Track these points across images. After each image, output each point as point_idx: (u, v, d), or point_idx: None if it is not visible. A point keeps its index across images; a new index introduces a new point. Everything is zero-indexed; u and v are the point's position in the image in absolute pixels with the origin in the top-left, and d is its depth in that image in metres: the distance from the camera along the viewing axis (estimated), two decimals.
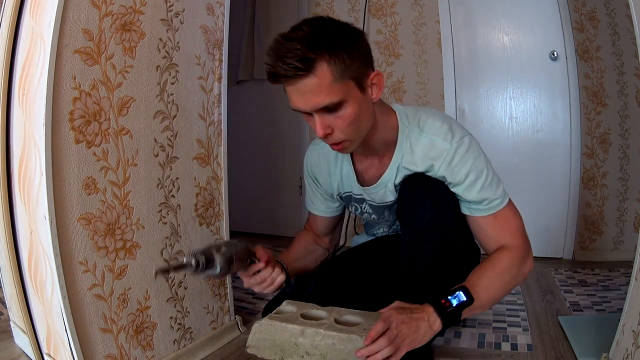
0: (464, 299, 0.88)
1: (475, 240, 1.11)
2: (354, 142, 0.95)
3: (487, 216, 1.00)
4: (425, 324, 0.84)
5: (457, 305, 0.87)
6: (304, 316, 0.89)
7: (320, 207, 1.25)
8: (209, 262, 0.82)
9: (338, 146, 0.94)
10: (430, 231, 0.99)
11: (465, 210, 1.02)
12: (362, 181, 1.12)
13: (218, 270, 0.83)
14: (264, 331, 0.86)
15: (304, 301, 0.98)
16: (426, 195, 1.00)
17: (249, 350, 0.89)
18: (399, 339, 0.81)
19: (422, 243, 1.00)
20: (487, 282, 0.93)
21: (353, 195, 1.16)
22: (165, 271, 0.84)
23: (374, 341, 0.79)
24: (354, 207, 1.20)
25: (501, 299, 1.00)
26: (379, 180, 1.07)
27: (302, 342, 0.83)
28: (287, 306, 0.95)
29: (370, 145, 1.02)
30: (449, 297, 0.88)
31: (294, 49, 0.82)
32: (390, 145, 1.03)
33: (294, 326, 0.84)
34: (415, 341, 0.83)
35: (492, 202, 0.99)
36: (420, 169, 1.01)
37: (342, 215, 1.30)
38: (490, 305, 0.98)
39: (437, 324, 0.85)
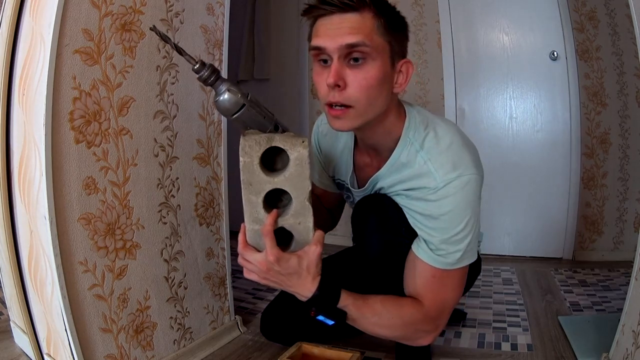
0: (329, 323, 0.85)
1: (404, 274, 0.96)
2: (357, 117, 0.83)
3: (429, 266, 0.87)
4: (293, 290, 0.83)
5: (319, 319, 0.85)
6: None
7: (316, 176, 1.17)
8: (218, 82, 0.74)
9: (339, 111, 0.82)
10: (379, 260, 0.96)
11: (414, 245, 0.91)
12: (357, 177, 1.07)
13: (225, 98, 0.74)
14: None
15: None
16: (376, 223, 0.95)
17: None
18: (270, 279, 0.82)
19: (373, 270, 0.99)
20: (376, 320, 0.87)
21: (346, 185, 1.11)
22: (165, 37, 0.75)
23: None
24: (346, 196, 1.16)
25: (377, 335, 0.94)
26: (366, 184, 1.02)
27: None
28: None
29: (372, 140, 0.94)
30: (319, 316, 0.84)
31: None
32: (389, 151, 0.94)
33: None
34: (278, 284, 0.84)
35: (446, 255, 0.86)
36: (395, 188, 0.94)
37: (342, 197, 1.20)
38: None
39: (301, 298, 0.84)
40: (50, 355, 1.03)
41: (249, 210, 0.79)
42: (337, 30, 0.79)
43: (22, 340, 1.18)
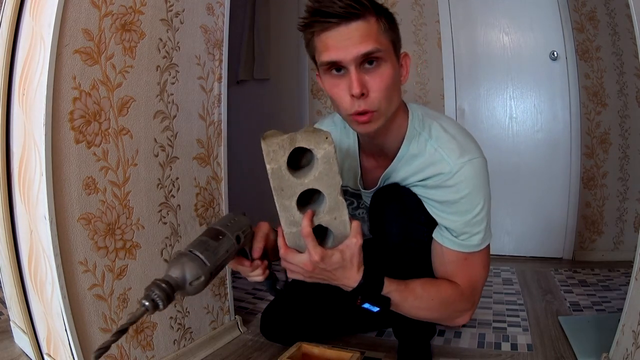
0: (374, 310, 0.86)
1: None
2: (381, 117, 0.86)
3: (456, 252, 0.92)
4: (339, 283, 0.84)
5: (364, 307, 0.86)
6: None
7: None
8: (177, 289, 0.64)
9: (366, 116, 0.84)
10: (399, 248, 0.98)
11: (437, 235, 0.94)
12: (365, 180, 1.08)
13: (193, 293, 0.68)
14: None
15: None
16: (396, 212, 0.96)
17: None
18: (315, 277, 0.83)
19: (393, 258, 0.99)
20: (417, 304, 0.89)
21: (350, 190, 1.11)
22: (106, 347, 0.59)
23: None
24: (349, 202, 1.14)
25: (418, 318, 0.94)
26: (377, 184, 1.03)
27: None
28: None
29: (382, 139, 0.95)
30: (365, 304, 0.86)
31: None
32: (396, 148, 0.96)
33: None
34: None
35: (470, 239, 0.91)
36: (410, 181, 0.96)
37: None
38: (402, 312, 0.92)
39: (347, 288, 0.85)
40: (50, 355, 1.03)
41: (284, 214, 0.79)
42: (349, 41, 0.80)
43: (22, 340, 1.18)
